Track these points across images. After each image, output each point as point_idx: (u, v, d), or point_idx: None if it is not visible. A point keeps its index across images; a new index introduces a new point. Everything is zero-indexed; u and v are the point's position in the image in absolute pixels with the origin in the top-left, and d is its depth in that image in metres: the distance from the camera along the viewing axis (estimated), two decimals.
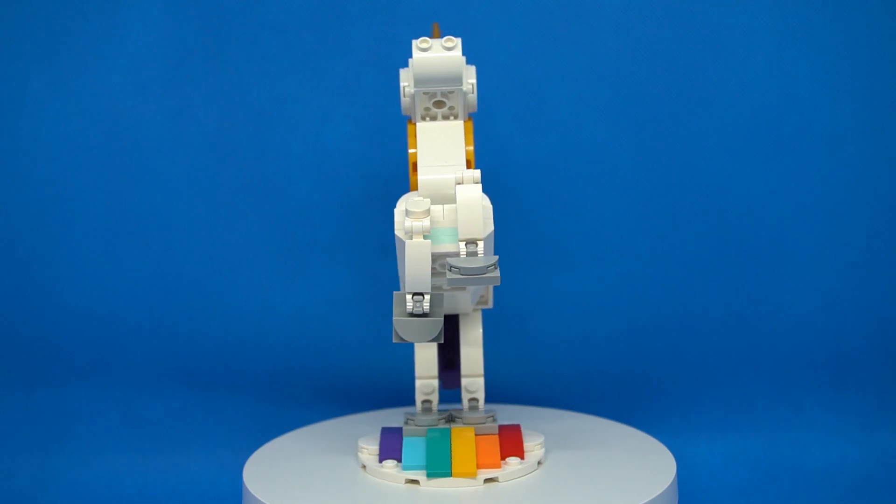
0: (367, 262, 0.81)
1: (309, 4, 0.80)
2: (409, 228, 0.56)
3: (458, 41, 0.60)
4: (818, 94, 0.80)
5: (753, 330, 0.82)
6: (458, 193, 0.56)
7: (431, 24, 0.69)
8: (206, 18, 0.80)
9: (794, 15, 0.79)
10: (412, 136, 0.63)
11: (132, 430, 0.83)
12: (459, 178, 0.57)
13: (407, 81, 0.63)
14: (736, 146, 0.80)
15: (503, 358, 0.79)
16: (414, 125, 0.63)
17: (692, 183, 0.81)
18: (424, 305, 0.55)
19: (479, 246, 0.55)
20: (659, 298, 0.82)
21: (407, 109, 0.64)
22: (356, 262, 0.81)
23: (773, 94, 0.80)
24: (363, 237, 0.81)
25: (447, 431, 0.64)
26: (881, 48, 0.79)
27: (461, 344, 0.68)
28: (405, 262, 0.56)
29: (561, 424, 0.72)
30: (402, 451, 0.62)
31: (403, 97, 0.63)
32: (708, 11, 0.79)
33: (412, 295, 0.56)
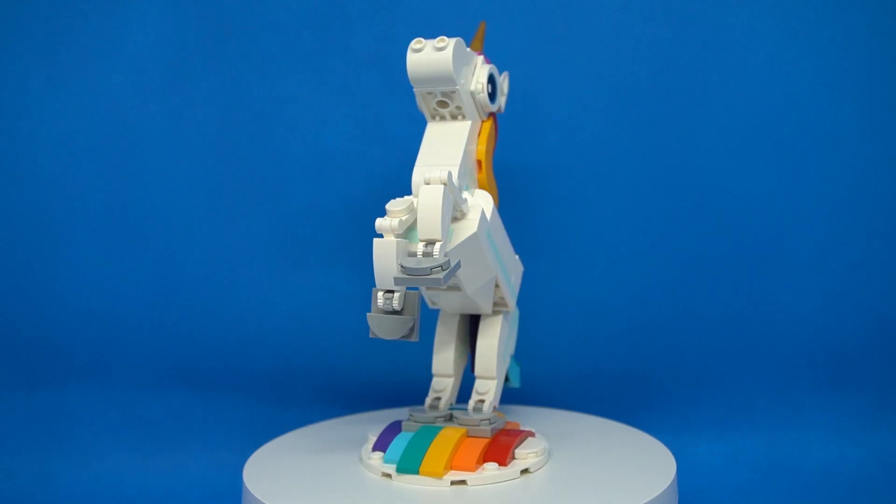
0: (367, 262, 0.81)
1: (309, 4, 0.80)
2: (378, 226, 0.57)
3: (450, 42, 0.60)
4: (818, 94, 0.80)
5: (753, 330, 0.82)
6: (420, 194, 0.57)
7: (480, 22, 0.69)
8: (206, 18, 0.80)
9: (794, 15, 0.79)
10: None
11: (132, 430, 0.83)
12: (427, 177, 0.57)
13: None
14: (736, 146, 0.80)
15: None
16: None
17: (692, 183, 0.81)
18: (394, 303, 0.56)
19: (435, 247, 0.56)
20: (659, 298, 0.82)
21: (421, 109, 0.64)
22: (356, 262, 0.81)
23: (773, 94, 0.80)
24: (363, 237, 0.81)
25: (436, 430, 0.63)
26: (881, 48, 0.79)
27: (477, 345, 0.67)
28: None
29: (561, 424, 0.72)
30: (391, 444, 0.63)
31: (417, 98, 0.64)
32: (708, 11, 0.79)
33: (383, 292, 0.56)
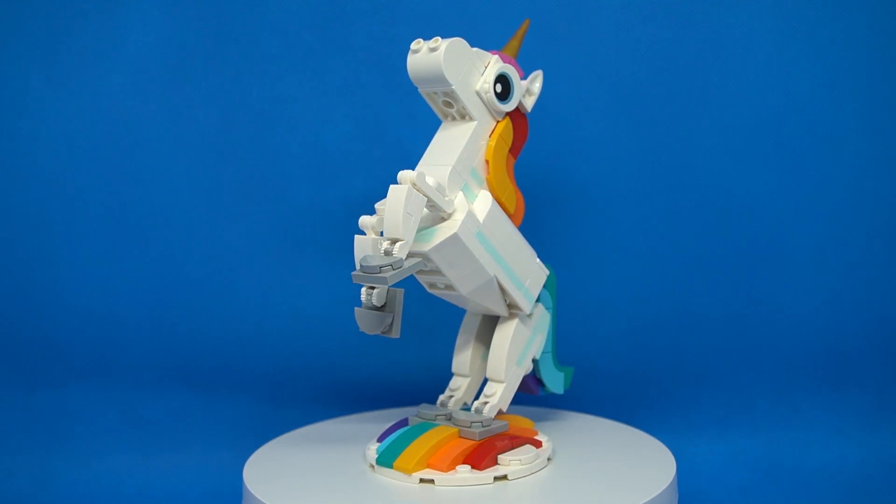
0: None
1: (309, 4, 0.80)
2: (360, 223, 0.60)
3: (443, 42, 0.60)
4: (818, 94, 0.80)
5: (753, 330, 0.82)
6: (388, 193, 0.57)
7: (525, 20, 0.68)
8: (206, 18, 0.80)
9: (794, 15, 0.79)
10: None
11: (132, 430, 0.83)
12: (399, 177, 0.58)
13: None
14: (736, 146, 0.80)
15: None
16: None
17: (692, 183, 0.81)
18: (373, 299, 0.57)
19: (395, 245, 0.57)
20: (659, 298, 0.82)
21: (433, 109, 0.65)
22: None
23: (773, 94, 0.80)
24: None
25: (427, 427, 0.64)
26: (881, 48, 0.79)
27: (490, 347, 0.67)
28: None
29: (562, 424, 0.72)
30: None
31: (424, 97, 0.64)
32: (708, 11, 0.79)
33: (366, 288, 0.58)
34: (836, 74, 0.79)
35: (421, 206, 0.57)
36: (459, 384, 0.67)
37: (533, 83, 0.65)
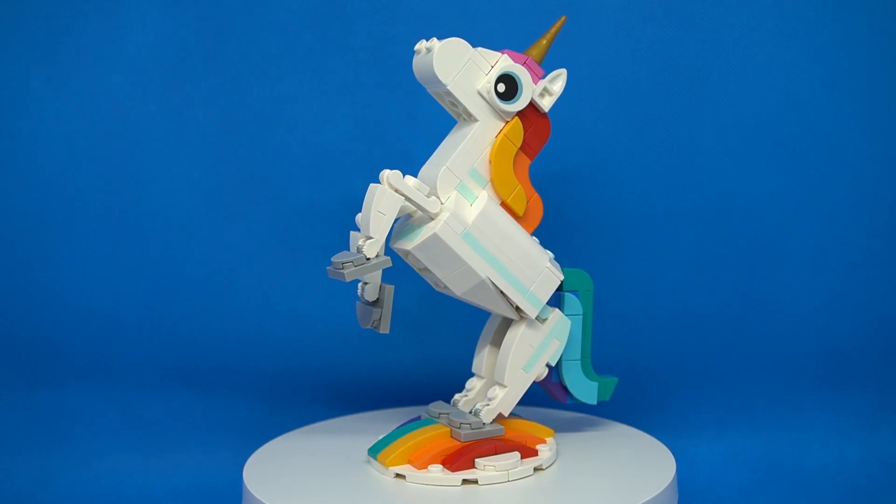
0: None
1: (309, 4, 0.80)
2: (356, 220, 0.61)
3: (437, 43, 0.60)
4: (818, 94, 0.80)
5: (753, 330, 0.82)
6: (367, 191, 0.60)
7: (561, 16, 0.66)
8: (206, 18, 0.80)
9: (794, 15, 0.79)
10: None
11: (132, 430, 0.83)
12: (381, 175, 0.59)
13: None
14: (736, 146, 0.80)
15: None
16: None
17: (692, 183, 0.81)
18: (364, 294, 0.61)
19: (364, 243, 0.59)
20: (659, 298, 0.82)
21: None
22: None
23: (773, 94, 0.80)
24: None
25: (423, 423, 0.65)
26: (881, 48, 0.79)
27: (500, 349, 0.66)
28: None
29: (562, 424, 0.72)
30: None
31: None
32: (708, 11, 0.79)
33: (362, 283, 0.61)
34: (836, 74, 0.79)
35: (395, 205, 0.59)
36: (475, 384, 0.67)
37: (553, 83, 0.63)
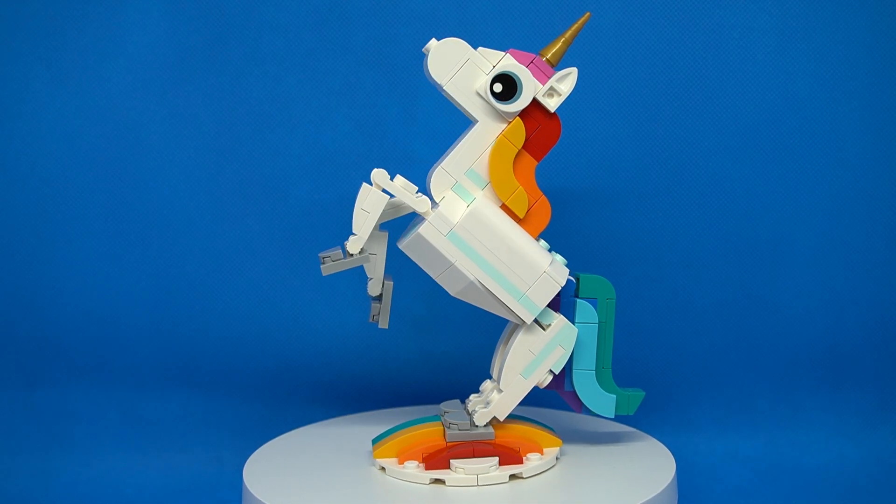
0: None
1: (309, 4, 0.80)
2: None
3: (433, 45, 0.60)
4: (818, 94, 0.80)
5: (753, 330, 0.82)
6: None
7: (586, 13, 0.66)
8: (206, 18, 0.80)
9: (793, 15, 0.79)
10: None
11: (132, 430, 0.83)
12: (371, 174, 0.61)
13: None
14: (736, 146, 0.80)
15: None
16: None
17: (692, 182, 0.81)
18: (369, 289, 0.63)
19: (348, 240, 0.61)
20: (659, 298, 0.82)
21: None
22: None
23: (772, 94, 0.80)
24: None
25: (426, 420, 0.66)
26: (881, 48, 0.79)
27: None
28: None
29: (562, 424, 0.72)
30: None
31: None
32: (708, 11, 0.79)
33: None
34: (835, 74, 0.79)
35: (379, 204, 0.60)
36: (486, 387, 0.67)
37: (560, 82, 0.62)
